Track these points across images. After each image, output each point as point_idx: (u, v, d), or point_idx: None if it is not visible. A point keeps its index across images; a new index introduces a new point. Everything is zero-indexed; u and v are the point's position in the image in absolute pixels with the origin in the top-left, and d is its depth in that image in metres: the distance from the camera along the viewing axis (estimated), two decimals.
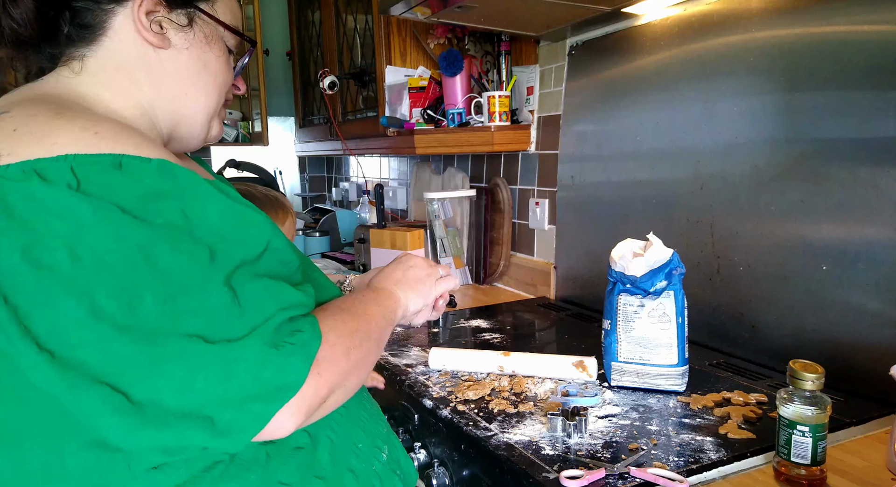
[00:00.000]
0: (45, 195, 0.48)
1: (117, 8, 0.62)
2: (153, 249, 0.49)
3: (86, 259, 0.48)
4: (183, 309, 0.50)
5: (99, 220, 0.48)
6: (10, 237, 0.47)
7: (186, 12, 0.66)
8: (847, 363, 1.10)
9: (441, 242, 2.07)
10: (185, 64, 0.66)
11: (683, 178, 1.41)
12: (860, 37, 1.07)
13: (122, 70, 0.63)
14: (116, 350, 0.48)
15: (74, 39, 0.62)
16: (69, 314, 0.47)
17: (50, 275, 0.47)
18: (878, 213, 1.05)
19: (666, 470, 0.83)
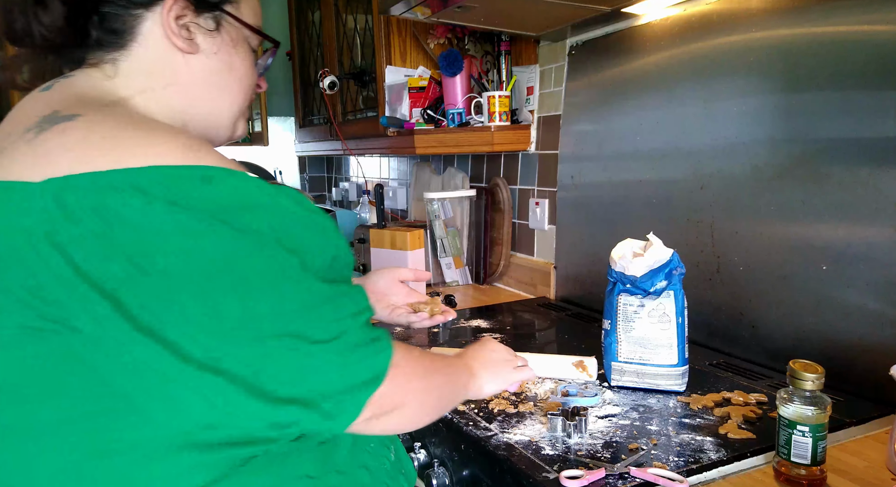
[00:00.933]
0: (140, 204, 0.49)
1: (146, 13, 0.63)
2: (253, 256, 0.52)
3: (187, 263, 0.50)
4: (286, 310, 0.53)
5: (201, 229, 0.50)
6: (113, 244, 0.49)
7: (213, 16, 0.66)
8: (847, 363, 1.10)
9: (441, 242, 2.07)
10: (213, 68, 0.67)
11: (683, 178, 1.41)
12: (860, 37, 1.07)
13: (153, 75, 0.64)
14: (231, 346, 0.51)
15: (104, 44, 0.63)
16: (181, 314, 0.50)
17: (157, 279, 0.49)
18: (878, 213, 1.05)
19: (666, 470, 0.83)
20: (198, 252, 0.50)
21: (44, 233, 0.49)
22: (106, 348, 0.51)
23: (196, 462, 0.55)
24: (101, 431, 0.53)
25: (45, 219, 0.49)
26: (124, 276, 0.49)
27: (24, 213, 0.49)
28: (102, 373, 0.52)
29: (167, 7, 0.62)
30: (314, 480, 0.62)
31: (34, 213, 0.49)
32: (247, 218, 0.53)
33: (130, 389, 0.52)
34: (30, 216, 0.49)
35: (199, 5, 0.65)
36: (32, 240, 0.49)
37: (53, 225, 0.49)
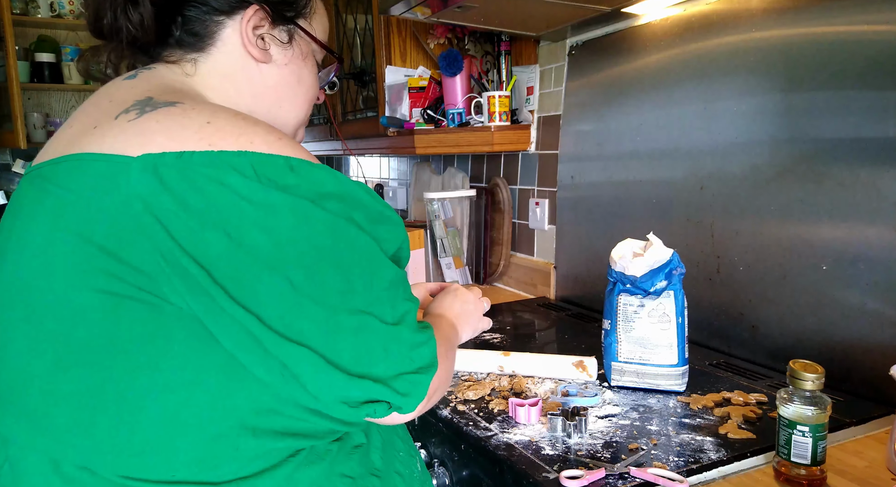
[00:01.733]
0: (237, 183, 0.52)
1: (227, 20, 0.66)
2: (339, 235, 0.56)
3: (282, 239, 0.52)
4: (365, 290, 0.57)
5: (290, 206, 0.53)
6: (211, 217, 0.51)
7: (287, 29, 0.70)
8: (847, 363, 1.10)
9: (441, 242, 2.07)
10: (283, 78, 0.71)
11: (683, 178, 1.41)
12: (860, 37, 1.07)
13: (228, 78, 0.67)
14: (309, 319, 0.54)
15: (184, 44, 0.66)
16: (271, 287, 0.52)
17: (251, 254, 0.52)
18: (878, 213, 1.05)
19: (666, 470, 0.83)
20: (288, 228, 0.53)
21: (142, 204, 0.51)
22: (187, 319, 0.53)
23: (256, 448, 0.57)
24: (174, 405, 0.54)
25: (143, 191, 0.51)
26: (220, 249, 0.51)
27: (121, 184, 0.51)
28: (178, 346, 0.54)
29: (247, 17, 0.66)
30: (354, 480, 0.63)
31: (132, 185, 0.51)
32: (331, 203, 0.56)
33: (196, 366, 0.54)
34: (128, 187, 0.51)
35: (275, 18, 0.68)
36: (131, 211, 0.51)
37: (152, 196, 0.51)
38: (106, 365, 0.53)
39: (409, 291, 0.63)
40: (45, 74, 2.60)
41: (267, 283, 0.52)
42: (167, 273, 0.52)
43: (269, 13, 0.67)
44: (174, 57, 0.66)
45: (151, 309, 0.53)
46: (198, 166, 0.52)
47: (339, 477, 0.62)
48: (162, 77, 0.64)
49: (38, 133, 2.62)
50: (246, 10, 0.66)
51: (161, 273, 0.52)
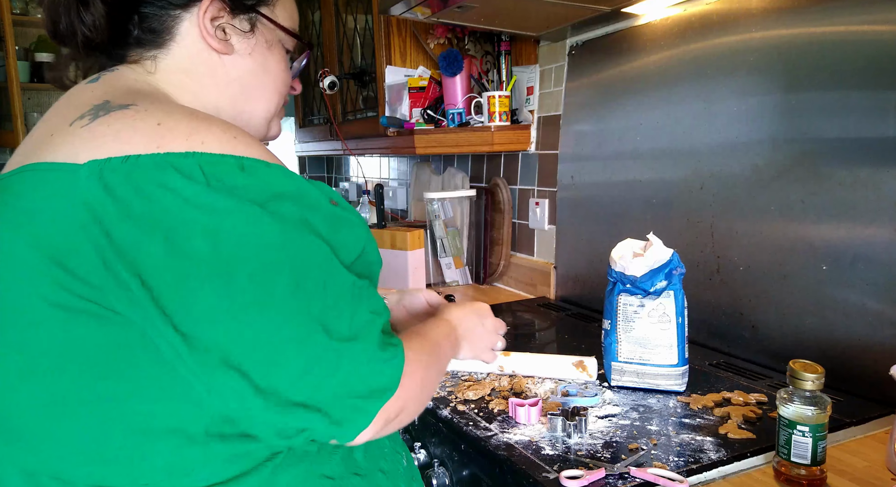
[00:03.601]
0: (181, 186, 0.50)
1: (183, 14, 0.64)
2: (287, 240, 0.53)
3: (223, 246, 0.50)
4: (310, 299, 0.53)
5: (236, 211, 0.51)
6: (151, 223, 0.49)
7: (249, 18, 0.67)
8: (847, 363, 1.10)
9: (441, 242, 2.07)
10: (248, 69, 0.68)
11: (683, 178, 1.41)
12: (860, 37, 1.07)
13: (189, 73, 0.65)
14: (246, 332, 0.51)
15: (143, 42, 0.65)
16: (206, 301, 0.50)
17: (188, 261, 0.49)
18: (878, 213, 1.05)
19: (666, 470, 0.83)
20: (233, 234, 0.51)
21: (88, 213, 0.50)
22: (138, 330, 0.52)
23: (228, 452, 0.56)
24: (141, 413, 0.54)
25: (88, 199, 0.50)
26: (157, 257, 0.49)
27: (69, 193, 0.51)
28: (137, 356, 0.53)
29: (203, 8, 0.64)
30: (335, 481, 0.62)
31: (79, 193, 0.50)
32: (280, 205, 0.54)
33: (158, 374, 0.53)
34: (74, 196, 0.50)
35: (234, 7, 0.66)
36: (78, 220, 0.50)
37: (97, 203, 0.50)
38: (67, 374, 0.53)
39: (376, 301, 0.59)
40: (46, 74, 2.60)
41: (201, 297, 0.50)
42: (111, 283, 0.50)
43: (226, 3, 0.65)
44: (135, 56, 0.65)
45: (102, 321, 0.52)
46: (143, 169, 0.50)
47: (320, 478, 0.61)
48: (123, 78, 0.63)
49: None
50: (202, 2, 0.64)
51: (106, 283, 0.51)
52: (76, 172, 0.51)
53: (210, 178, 0.51)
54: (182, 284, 0.50)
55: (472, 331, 0.88)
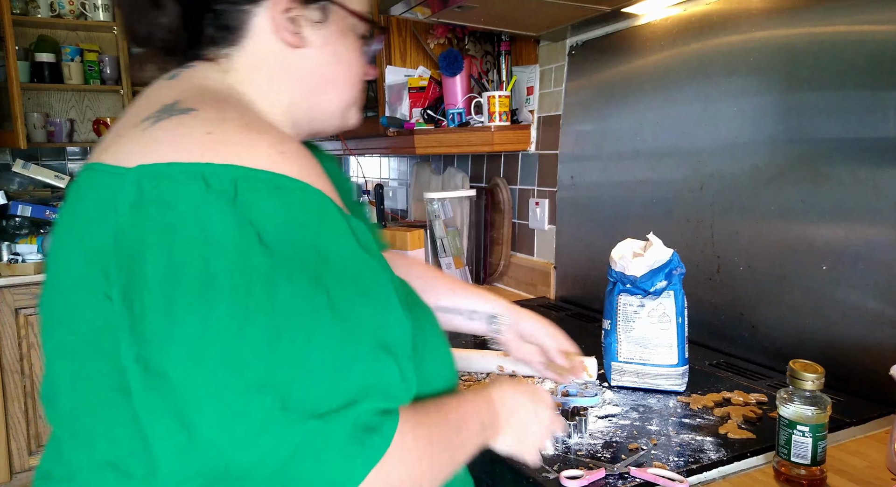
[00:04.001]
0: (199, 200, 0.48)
1: (255, 8, 0.62)
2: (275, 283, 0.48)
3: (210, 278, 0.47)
4: (282, 355, 0.47)
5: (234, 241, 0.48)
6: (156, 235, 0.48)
7: (320, 6, 0.64)
8: (847, 363, 1.10)
9: (441, 242, 2.07)
10: (321, 60, 0.66)
11: (683, 178, 1.41)
12: (860, 37, 1.07)
13: (262, 70, 0.64)
14: (200, 380, 0.46)
15: (217, 40, 0.63)
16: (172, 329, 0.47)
17: (171, 286, 0.47)
18: (878, 213, 1.05)
19: (666, 470, 0.83)
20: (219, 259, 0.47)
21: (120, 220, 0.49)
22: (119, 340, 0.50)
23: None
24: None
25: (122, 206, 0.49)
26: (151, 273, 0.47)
27: (112, 198, 0.50)
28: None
29: (275, 1, 0.62)
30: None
31: (120, 199, 0.50)
32: (292, 237, 0.50)
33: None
34: (115, 201, 0.50)
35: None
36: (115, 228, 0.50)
37: (126, 210, 0.49)
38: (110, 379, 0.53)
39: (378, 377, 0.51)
40: (45, 74, 2.59)
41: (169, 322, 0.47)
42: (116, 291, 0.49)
43: None
44: (210, 54, 0.63)
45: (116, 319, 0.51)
46: (172, 177, 0.49)
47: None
48: (199, 76, 0.62)
49: (38, 133, 2.62)
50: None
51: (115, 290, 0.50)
52: (123, 176, 0.50)
53: (239, 195, 0.49)
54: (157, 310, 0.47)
55: (522, 421, 0.72)
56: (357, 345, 0.51)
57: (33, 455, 2.34)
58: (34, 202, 2.58)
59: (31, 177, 2.66)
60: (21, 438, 2.31)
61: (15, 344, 2.26)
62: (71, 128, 2.76)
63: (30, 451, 2.34)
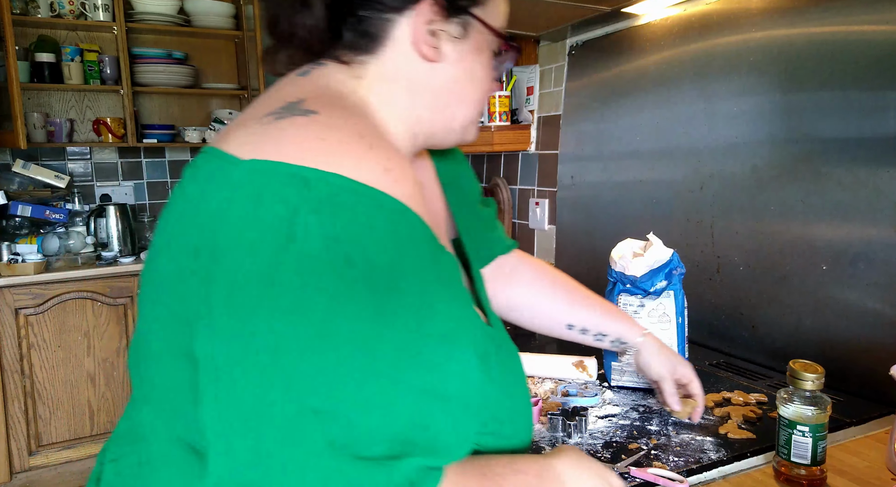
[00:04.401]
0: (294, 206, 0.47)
1: (398, 18, 0.61)
2: (344, 305, 0.46)
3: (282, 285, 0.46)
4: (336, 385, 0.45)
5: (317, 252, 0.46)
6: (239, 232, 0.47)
7: (462, 21, 0.63)
8: (847, 363, 1.10)
9: None
10: (453, 77, 0.65)
11: (683, 178, 1.41)
12: (860, 37, 1.07)
13: (394, 81, 0.63)
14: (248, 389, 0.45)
15: (355, 46, 0.62)
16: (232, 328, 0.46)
17: (240, 284, 0.46)
18: (878, 213, 1.05)
19: (666, 470, 0.83)
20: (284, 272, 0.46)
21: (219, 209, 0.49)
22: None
23: None
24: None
25: (225, 196, 0.49)
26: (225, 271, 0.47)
27: (220, 186, 0.50)
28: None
29: (420, 12, 0.61)
30: None
31: (225, 188, 0.50)
32: (375, 259, 0.48)
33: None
34: (220, 190, 0.50)
35: (449, 9, 0.62)
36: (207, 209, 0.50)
37: (223, 198, 0.49)
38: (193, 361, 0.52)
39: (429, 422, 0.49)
40: (45, 74, 2.59)
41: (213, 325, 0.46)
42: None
43: (443, 5, 0.61)
44: (346, 57, 0.62)
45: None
46: (272, 175, 0.48)
47: None
48: (330, 77, 0.62)
49: (38, 133, 2.62)
50: (419, 5, 0.60)
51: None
52: (235, 166, 0.50)
53: (336, 206, 0.48)
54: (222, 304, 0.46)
55: None
56: (412, 390, 0.48)
57: (33, 456, 2.34)
58: (34, 202, 2.58)
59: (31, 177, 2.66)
60: (21, 438, 2.31)
61: (15, 344, 2.26)
62: (71, 128, 2.76)
63: (30, 451, 2.34)
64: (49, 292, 2.29)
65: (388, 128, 0.63)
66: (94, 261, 2.47)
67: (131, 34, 2.73)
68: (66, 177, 2.71)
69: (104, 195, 2.87)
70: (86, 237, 2.63)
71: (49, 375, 2.33)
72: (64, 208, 2.65)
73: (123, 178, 2.91)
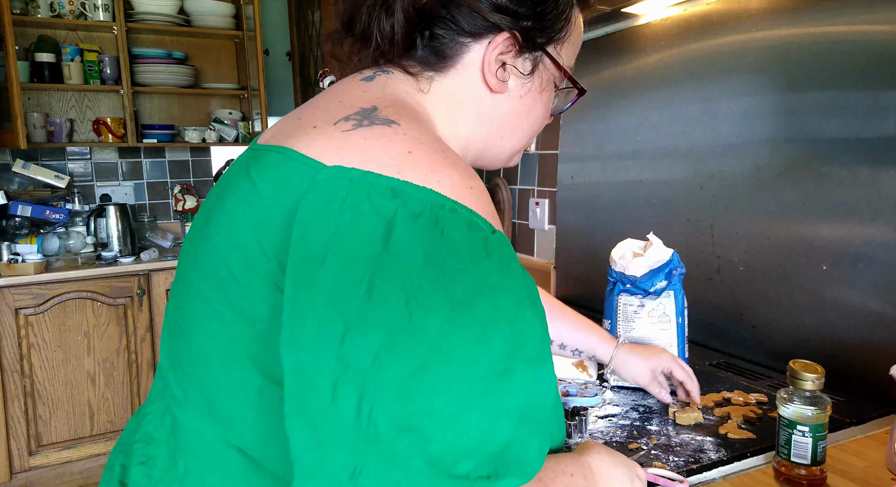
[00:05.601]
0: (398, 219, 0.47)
1: (473, 44, 0.62)
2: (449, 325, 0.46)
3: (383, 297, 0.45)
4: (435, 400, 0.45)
5: (418, 267, 0.46)
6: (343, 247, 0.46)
7: (533, 57, 0.64)
8: (847, 363, 1.10)
9: None
10: (514, 109, 0.65)
11: (683, 178, 1.41)
12: (860, 37, 1.07)
13: (457, 104, 0.63)
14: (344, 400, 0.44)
15: (424, 61, 0.63)
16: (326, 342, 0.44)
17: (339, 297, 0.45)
18: (878, 213, 1.05)
19: (666, 470, 0.83)
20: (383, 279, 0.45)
21: (304, 210, 0.48)
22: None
23: None
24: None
25: (314, 200, 0.48)
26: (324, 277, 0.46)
27: (302, 190, 0.50)
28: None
29: (495, 43, 0.61)
30: None
31: (310, 192, 0.49)
32: (475, 280, 0.47)
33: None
34: (304, 193, 0.49)
35: (524, 45, 0.62)
36: (290, 211, 0.49)
37: (318, 208, 0.48)
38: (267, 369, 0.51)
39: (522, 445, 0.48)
40: (45, 74, 2.59)
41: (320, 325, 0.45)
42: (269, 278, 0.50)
43: (518, 40, 0.62)
44: (414, 69, 0.63)
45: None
46: (371, 187, 0.48)
47: None
48: (397, 87, 0.62)
49: (38, 133, 2.62)
50: (496, 37, 0.61)
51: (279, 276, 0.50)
52: (318, 171, 0.50)
53: (432, 219, 0.48)
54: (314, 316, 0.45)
55: None
56: (506, 411, 0.48)
57: (33, 456, 2.34)
58: (34, 202, 2.58)
59: (31, 177, 2.66)
60: (21, 438, 2.31)
61: (15, 344, 2.26)
62: (71, 128, 2.76)
63: (30, 451, 2.34)
64: (49, 292, 2.29)
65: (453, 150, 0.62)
66: (94, 261, 2.47)
67: (131, 34, 2.73)
68: (66, 177, 2.71)
69: (104, 195, 2.87)
70: (86, 237, 2.63)
71: (49, 375, 2.33)
72: (64, 208, 2.65)
73: (123, 178, 2.91)
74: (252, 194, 0.53)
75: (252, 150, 0.59)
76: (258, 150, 0.58)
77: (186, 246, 0.61)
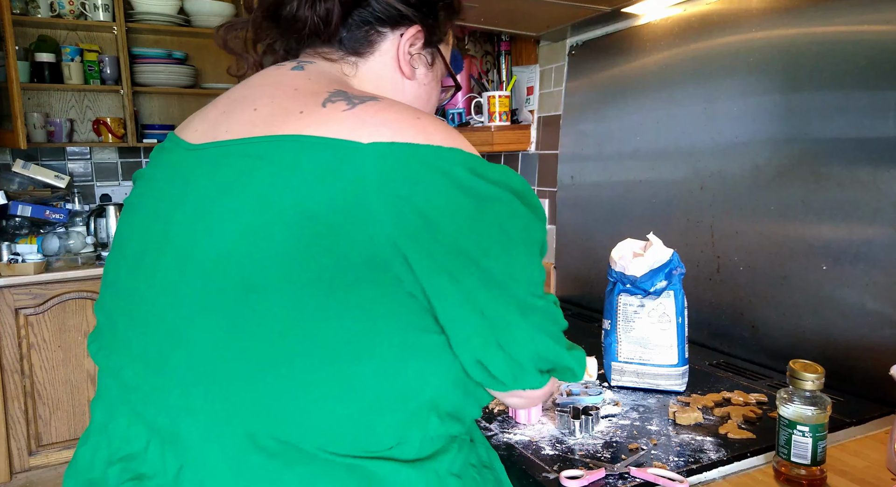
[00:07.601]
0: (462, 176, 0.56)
1: (390, 33, 0.70)
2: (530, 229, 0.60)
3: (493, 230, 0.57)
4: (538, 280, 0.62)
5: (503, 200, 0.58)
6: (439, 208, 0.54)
7: (431, 52, 0.74)
8: (847, 363, 1.10)
9: None
10: (417, 95, 0.74)
11: (683, 178, 1.41)
12: (860, 37, 1.07)
13: (380, 87, 0.70)
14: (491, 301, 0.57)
15: (345, 46, 0.69)
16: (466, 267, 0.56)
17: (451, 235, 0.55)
18: (878, 213, 1.05)
19: (666, 470, 0.83)
20: (498, 219, 0.57)
21: (376, 190, 0.53)
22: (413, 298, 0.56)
23: (437, 429, 0.60)
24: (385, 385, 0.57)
25: (377, 178, 0.53)
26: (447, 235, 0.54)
27: (350, 168, 0.53)
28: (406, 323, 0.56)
29: (408, 34, 0.70)
30: (476, 469, 0.68)
31: (364, 170, 0.53)
32: (525, 200, 0.60)
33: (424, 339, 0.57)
34: (356, 171, 0.53)
35: (428, 40, 0.72)
36: (362, 194, 0.53)
37: (387, 183, 0.53)
38: (321, 348, 0.54)
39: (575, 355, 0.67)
40: (45, 74, 2.59)
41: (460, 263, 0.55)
42: (398, 256, 0.54)
43: (424, 35, 0.71)
44: (334, 56, 0.69)
45: (377, 289, 0.54)
46: (426, 156, 0.55)
47: (470, 466, 0.67)
48: (331, 74, 0.67)
49: (38, 133, 2.62)
50: (408, 28, 0.70)
51: (391, 256, 0.54)
52: (359, 150, 0.54)
53: (475, 171, 0.56)
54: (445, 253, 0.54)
55: None
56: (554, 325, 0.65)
57: (33, 456, 2.34)
58: (34, 202, 2.58)
59: (31, 177, 2.66)
60: (21, 438, 2.31)
61: (15, 344, 2.26)
62: (71, 128, 2.76)
63: (30, 451, 2.34)
64: (49, 292, 2.29)
65: None
66: (94, 261, 2.47)
67: (131, 34, 2.73)
68: (66, 177, 2.71)
69: (104, 195, 2.87)
70: (86, 237, 2.63)
71: (49, 375, 2.33)
72: (64, 208, 2.65)
73: (123, 178, 2.91)
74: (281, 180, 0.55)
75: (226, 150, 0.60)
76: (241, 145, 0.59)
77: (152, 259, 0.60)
